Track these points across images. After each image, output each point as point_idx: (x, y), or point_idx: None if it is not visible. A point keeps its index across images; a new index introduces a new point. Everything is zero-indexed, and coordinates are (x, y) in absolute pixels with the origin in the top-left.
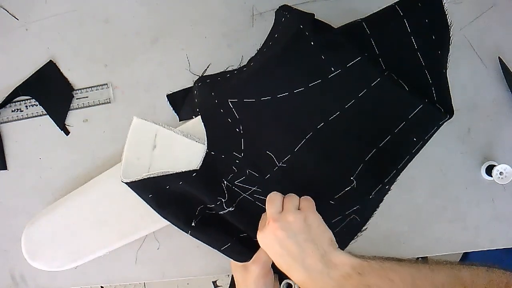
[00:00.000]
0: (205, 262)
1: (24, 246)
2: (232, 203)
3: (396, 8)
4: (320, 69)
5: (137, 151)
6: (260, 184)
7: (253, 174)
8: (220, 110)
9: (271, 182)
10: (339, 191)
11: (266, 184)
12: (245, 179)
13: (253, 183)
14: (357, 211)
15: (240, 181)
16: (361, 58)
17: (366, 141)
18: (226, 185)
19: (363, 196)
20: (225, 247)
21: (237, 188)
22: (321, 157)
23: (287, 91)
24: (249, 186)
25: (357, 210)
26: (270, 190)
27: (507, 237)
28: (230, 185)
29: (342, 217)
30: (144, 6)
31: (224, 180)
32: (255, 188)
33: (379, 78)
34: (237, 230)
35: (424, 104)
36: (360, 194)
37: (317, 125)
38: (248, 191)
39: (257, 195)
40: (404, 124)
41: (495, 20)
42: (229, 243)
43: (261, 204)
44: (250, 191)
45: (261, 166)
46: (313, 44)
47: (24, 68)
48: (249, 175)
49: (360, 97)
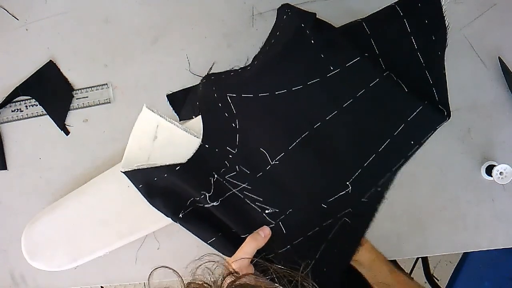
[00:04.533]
0: None
1: (24, 246)
2: (218, 197)
3: (396, 8)
4: (319, 68)
5: (140, 140)
6: (251, 182)
7: (244, 171)
8: (218, 104)
9: (262, 180)
10: (333, 195)
11: (256, 182)
12: (236, 175)
13: (243, 180)
14: (349, 214)
15: (230, 176)
16: (360, 58)
17: (365, 144)
18: (216, 179)
19: (355, 200)
20: (211, 240)
21: (227, 183)
22: (316, 157)
23: (286, 88)
24: (239, 182)
25: (349, 213)
26: (261, 189)
27: (507, 237)
28: (220, 180)
29: (333, 219)
30: (144, 6)
31: (214, 174)
32: (245, 185)
33: (378, 79)
34: (225, 225)
35: (424, 105)
36: (353, 198)
37: (313, 124)
38: (238, 187)
39: (247, 192)
40: (404, 126)
41: (495, 20)
42: (214, 238)
43: (249, 202)
44: (239, 187)
45: (254, 163)
46: (313, 42)
47: (24, 68)
48: (240, 171)
49: (358, 97)
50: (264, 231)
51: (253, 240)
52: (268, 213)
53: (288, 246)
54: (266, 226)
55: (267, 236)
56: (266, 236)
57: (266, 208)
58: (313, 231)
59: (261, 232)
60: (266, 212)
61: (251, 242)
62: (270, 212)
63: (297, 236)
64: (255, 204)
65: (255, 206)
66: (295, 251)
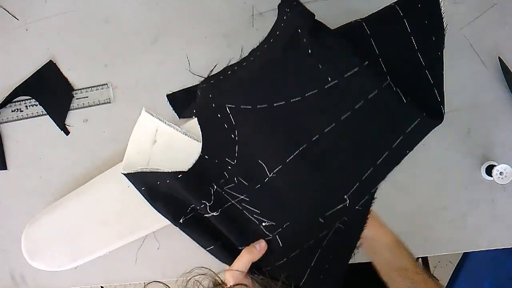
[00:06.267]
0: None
1: (24, 246)
2: (218, 207)
3: (396, 8)
4: (317, 79)
5: (139, 144)
6: (249, 193)
7: (242, 182)
8: (217, 114)
9: (260, 192)
10: (330, 209)
11: (254, 194)
12: (234, 186)
13: (241, 192)
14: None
15: (229, 187)
16: (358, 68)
17: (364, 158)
18: (215, 189)
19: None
20: (210, 248)
21: (226, 194)
22: (313, 171)
23: (284, 100)
24: (237, 194)
25: (343, 221)
26: (258, 201)
27: (507, 237)
28: (219, 190)
29: (328, 230)
30: (144, 6)
31: (214, 185)
32: (243, 196)
33: (376, 90)
34: (224, 235)
35: (422, 117)
36: (350, 211)
37: (312, 137)
38: (237, 199)
39: (245, 204)
40: (402, 138)
41: (495, 20)
42: (213, 246)
43: (247, 214)
44: (238, 199)
45: (252, 175)
46: (310, 52)
47: (24, 68)
48: (239, 182)
49: (356, 109)
50: (260, 244)
51: (248, 253)
52: (265, 225)
53: (285, 258)
54: (262, 240)
55: (263, 250)
56: (261, 249)
57: (263, 220)
58: (309, 243)
59: (257, 245)
60: (263, 224)
61: (246, 254)
62: (267, 224)
63: (293, 248)
64: (253, 216)
65: (253, 218)
66: (291, 264)
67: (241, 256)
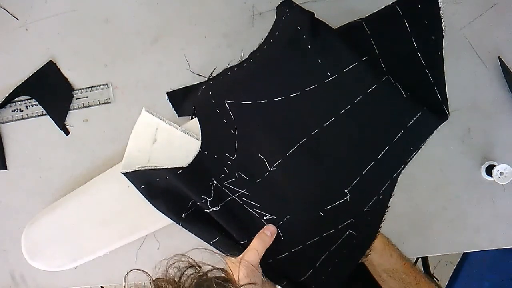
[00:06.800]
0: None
1: (24, 246)
2: (218, 203)
3: (396, 8)
4: (317, 74)
5: (139, 143)
6: (249, 188)
7: (243, 177)
8: (216, 110)
9: (260, 187)
10: (331, 203)
11: (255, 188)
12: (234, 181)
13: (242, 186)
14: (352, 225)
15: (229, 182)
16: (357, 63)
17: (364, 152)
18: (215, 185)
19: (357, 210)
20: (214, 240)
21: (226, 189)
22: (313, 164)
23: (283, 95)
24: (238, 188)
25: (352, 225)
26: (259, 195)
27: (507, 237)
28: (219, 186)
29: (334, 230)
30: (144, 6)
31: (214, 180)
32: (243, 191)
33: (375, 85)
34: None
35: (423, 111)
36: (354, 208)
37: (311, 131)
38: (237, 193)
39: (246, 199)
40: (403, 133)
41: (495, 20)
42: (218, 237)
43: (248, 208)
44: (238, 194)
45: (252, 169)
46: (310, 47)
47: (24, 68)
48: (239, 177)
49: (355, 103)
50: (269, 229)
51: (261, 240)
52: (266, 219)
53: (286, 253)
54: (270, 224)
55: (274, 234)
56: (272, 234)
57: (264, 214)
58: (313, 241)
59: (266, 231)
60: (264, 218)
61: (259, 243)
62: (268, 218)
63: (296, 244)
64: (253, 210)
65: (254, 213)
66: (293, 258)
67: (252, 245)
